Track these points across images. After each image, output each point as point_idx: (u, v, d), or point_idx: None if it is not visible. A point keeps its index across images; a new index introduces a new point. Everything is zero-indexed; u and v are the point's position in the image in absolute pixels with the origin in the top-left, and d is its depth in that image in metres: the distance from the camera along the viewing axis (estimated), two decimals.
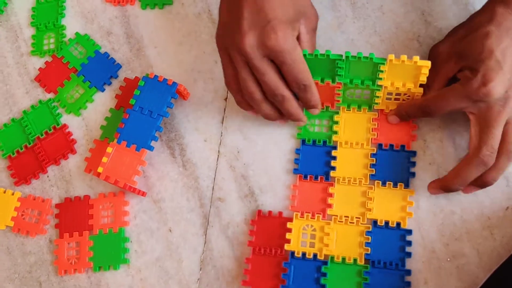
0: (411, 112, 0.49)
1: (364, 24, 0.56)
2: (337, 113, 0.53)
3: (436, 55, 0.49)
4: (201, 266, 0.51)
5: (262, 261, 0.49)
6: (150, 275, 0.51)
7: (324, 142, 0.52)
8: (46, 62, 0.60)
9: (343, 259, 0.48)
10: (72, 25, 0.61)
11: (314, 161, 0.52)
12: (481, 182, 0.46)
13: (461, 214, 0.49)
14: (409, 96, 0.49)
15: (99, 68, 0.58)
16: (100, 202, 0.54)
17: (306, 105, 0.49)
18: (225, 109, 0.55)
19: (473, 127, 0.45)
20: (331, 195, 0.50)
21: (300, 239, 0.49)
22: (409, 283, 0.47)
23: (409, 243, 0.48)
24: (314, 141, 0.52)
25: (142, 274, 0.52)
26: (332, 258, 0.48)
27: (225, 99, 0.56)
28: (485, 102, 0.44)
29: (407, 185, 0.50)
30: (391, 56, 0.45)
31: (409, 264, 0.48)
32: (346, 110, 0.52)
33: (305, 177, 0.51)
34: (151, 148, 0.51)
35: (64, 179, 0.56)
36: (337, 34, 0.56)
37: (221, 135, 0.54)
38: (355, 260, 0.48)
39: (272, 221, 0.51)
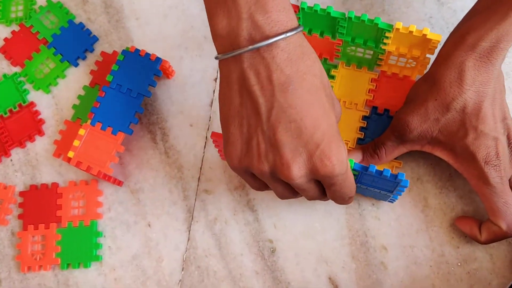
0: None
1: (371, 1, 0.52)
2: (335, 67, 0.49)
3: (404, 126, 0.42)
4: (184, 266, 0.47)
5: None
6: (125, 274, 0.47)
7: None
8: (13, 32, 0.55)
9: None
10: None
11: None
12: None
13: (473, 214, 0.45)
14: (414, 60, 0.45)
15: (73, 40, 0.53)
16: (70, 191, 0.49)
17: (336, 201, 0.41)
18: (214, 91, 0.51)
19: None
20: None
21: None
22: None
23: None
24: None
25: (116, 273, 0.47)
26: None
27: (215, 80, 0.51)
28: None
29: None
30: (399, 24, 0.41)
31: (415, 268, 0.44)
32: (345, 66, 0.49)
33: None
34: (129, 132, 0.47)
35: (30, 164, 0.51)
36: None
37: (210, 120, 0.50)
38: None
39: None
